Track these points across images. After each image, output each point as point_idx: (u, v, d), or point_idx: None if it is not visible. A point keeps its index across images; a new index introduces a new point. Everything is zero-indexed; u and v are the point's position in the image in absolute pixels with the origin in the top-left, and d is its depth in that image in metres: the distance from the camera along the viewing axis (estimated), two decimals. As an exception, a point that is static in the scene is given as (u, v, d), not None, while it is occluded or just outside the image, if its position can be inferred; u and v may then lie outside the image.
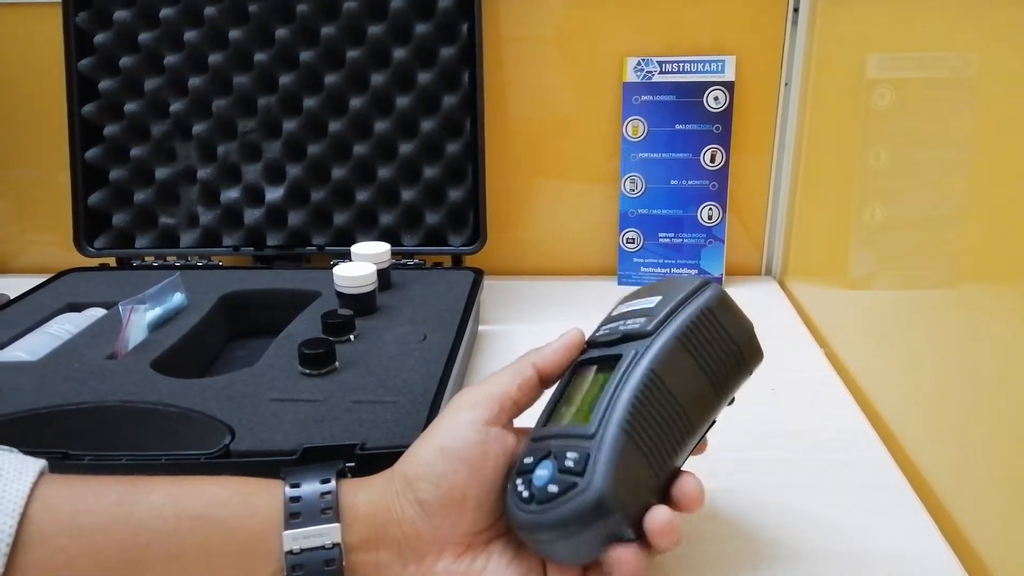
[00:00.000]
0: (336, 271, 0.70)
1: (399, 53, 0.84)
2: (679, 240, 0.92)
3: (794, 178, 0.91)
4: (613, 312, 0.46)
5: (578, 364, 0.44)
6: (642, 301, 0.44)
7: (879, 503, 0.54)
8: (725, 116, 0.89)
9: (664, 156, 0.91)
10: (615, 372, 0.40)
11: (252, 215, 0.88)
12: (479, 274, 0.81)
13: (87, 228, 0.88)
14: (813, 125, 0.86)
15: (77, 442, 0.49)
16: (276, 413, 0.53)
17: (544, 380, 0.44)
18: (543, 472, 0.39)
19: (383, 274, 0.75)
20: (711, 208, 0.91)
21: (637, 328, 0.41)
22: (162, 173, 0.89)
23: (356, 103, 0.86)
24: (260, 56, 0.85)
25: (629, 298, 0.46)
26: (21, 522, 0.36)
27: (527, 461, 0.40)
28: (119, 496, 0.38)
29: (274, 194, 0.88)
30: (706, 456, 0.43)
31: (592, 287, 0.95)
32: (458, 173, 0.87)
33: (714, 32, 0.89)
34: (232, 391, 0.56)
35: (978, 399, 0.51)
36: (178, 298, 0.71)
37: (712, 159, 0.90)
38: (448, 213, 0.87)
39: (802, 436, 0.62)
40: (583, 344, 0.45)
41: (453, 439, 0.41)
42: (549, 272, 0.99)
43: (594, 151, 0.94)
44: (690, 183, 0.91)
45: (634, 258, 0.94)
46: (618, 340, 0.42)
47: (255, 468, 0.43)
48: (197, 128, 0.87)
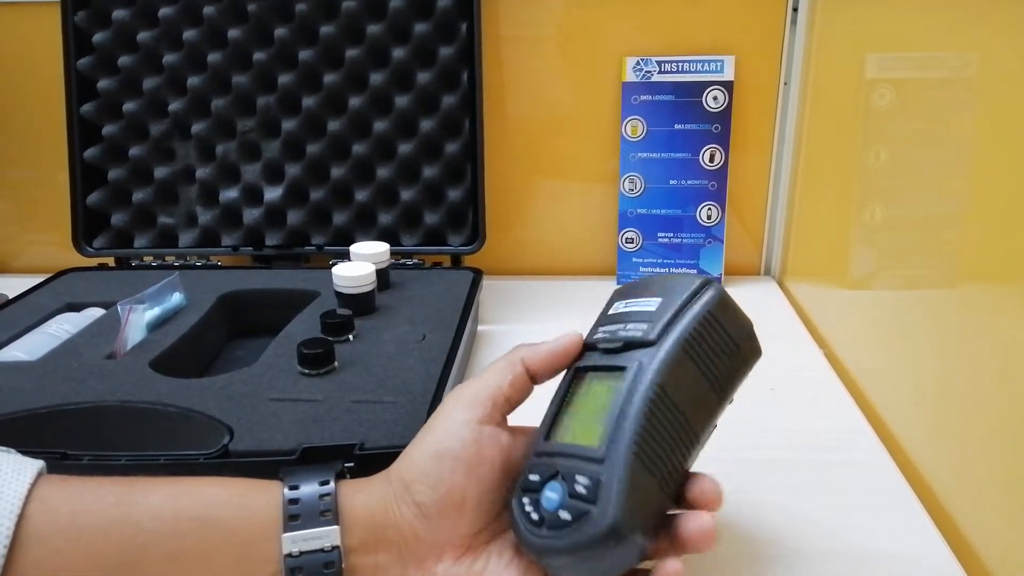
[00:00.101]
0: (335, 271, 0.70)
1: (398, 53, 0.84)
2: (678, 240, 0.92)
3: (793, 178, 0.91)
4: (610, 310, 0.45)
5: (578, 369, 0.43)
6: (641, 302, 0.43)
7: (879, 503, 0.54)
8: (724, 116, 0.89)
9: (663, 156, 0.91)
10: (620, 387, 0.39)
11: (251, 215, 0.88)
12: (478, 274, 0.80)
13: (86, 228, 0.88)
14: (812, 125, 0.86)
15: (76, 442, 0.49)
16: (275, 413, 0.53)
17: (534, 379, 0.44)
18: (552, 495, 0.38)
19: (382, 274, 0.74)
20: (710, 208, 0.91)
21: (640, 336, 0.40)
22: (161, 173, 0.88)
23: (355, 103, 0.85)
24: (259, 55, 0.85)
25: (625, 294, 0.45)
26: (19, 523, 0.36)
27: (533, 478, 0.40)
28: (117, 497, 0.38)
29: (273, 194, 0.88)
30: (705, 456, 0.43)
31: (591, 287, 0.94)
32: (457, 173, 0.87)
33: (713, 32, 0.89)
34: (231, 391, 0.56)
35: (978, 399, 0.51)
36: (177, 298, 0.71)
37: (711, 159, 0.90)
38: (447, 213, 0.87)
39: (802, 436, 0.62)
40: (579, 350, 0.44)
41: (448, 440, 0.41)
42: (548, 272, 0.99)
43: (593, 151, 0.94)
44: (689, 183, 0.91)
45: (633, 258, 0.94)
46: (620, 348, 0.41)
47: (254, 468, 0.43)
48: (196, 127, 0.87)
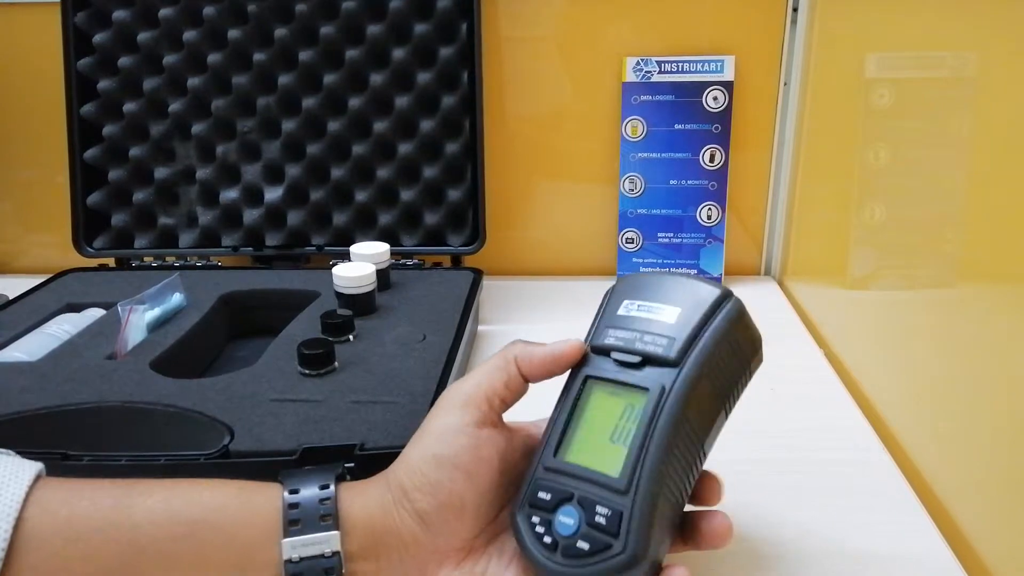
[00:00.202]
0: (335, 271, 0.70)
1: (398, 53, 0.84)
2: (678, 240, 0.92)
3: (793, 178, 0.91)
4: (619, 310, 0.42)
5: (589, 377, 0.41)
6: (656, 308, 0.41)
7: (879, 503, 0.54)
8: (724, 116, 0.89)
9: (663, 156, 0.91)
10: (640, 409, 0.38)
11: (251, 215, 0.88)
12: (478, 274, 0.80)
13: (86, 228, 0.88)
14: (812, 125, 0.86)
15: (76, 442, 0.49)
16: (275, 413, 0.53)
17: (527, 379, 0.43)
18: (568, 520, 0.38)
19: (382, 274, 0.74)
20: (710, 208, 0.91)
21: (660, 353, 0.39)
22: (161, 173, 0.88)
23: (355, 103, 0.85)
24: (259, 56, 0.85)
25: (633, 293, 0.43)
26: (16, 526, 0.36)
27: (544, 497, 0.39)
28: (115, 499, 0.38)
29: (273, 194, 0.88)
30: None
31: (591, 287, 0.94)
32: (457, 173, 0.87)
33: (713, 32, 0.89)
34: (231, 391, 0.56)
35: (978, 399, 0.51)
36: (177, 298, 0.71)
37: (711, 159, 0.90)
38: (447, 213, 0.87)
39: (802, 436, 0.62)
40: (579, 358, 0.42)
41: (446, 446, 0.40)
42: (548, 272, 0.99)
43: (593, 151, 0.94)
44: (689, 183, 0.91)
45: (633, 258, 0.94)
46: (638, 363, 0.39)
47: (255, 468, 0.43)
48: (196, 128, 0.87)
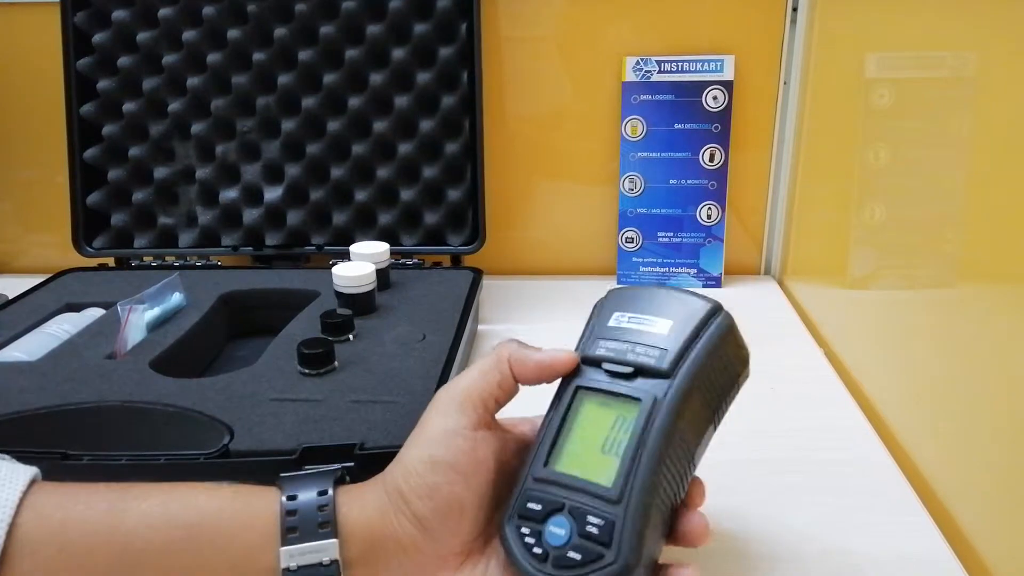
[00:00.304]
0: (335, 271, 0.70)
1: (398, 53, 0.84)
2: (678, 239, 0.92)
3: (793, 177, 0.91)
4: (610, 321, 0.43)
5: (580, 387, 0.41)
6: (647, 321, 0.41)
7: (879, 503, 0.54)
8: (724, 115, 0.89)
9: (663, 155, 0.91)
10: (632, 420, 0.38)
11: (251, 215, 0.88)
12: (478, 274, 0.80)
13: (86, 228, 0.88)
14: (812, 124, 0.86)
15: (76, 442, 0.49)
16: (275, 413, 0.53)
17: (518, 383, 0.43)
18: (559, 531, 0.38)
19: (382, 274, 0.74)
20: (710, 207, 0.91)
21: (652, 364, 0.39)
22: (161, 173, 0.88)
23: (355, 103, 0.85)
24: (259, 56, 0.85)
25: (624, 305, 0.43)
26: (10, 532, 0.35)
27: (533, 507, 0.39)
28: (110, 504, 0.37)
29: (273, 194, 0.88)
30: (706, 456, 0.43)
31: (591, 287, 0.94)
32: (457, 173, 0.87)
33: (713, 31, 0.89)
34: (231, 391, 0.56)
35: (978, 399, 0.51)
36: (177, 298, 0.71)
37: (711, 158, 0.90)
38: (447, 213, 0.87)
39: (801, 436, 0.62)
40: (572, 368, 0.42)
41: (443, 449, 0.40)
42: (548, 272, 0.99)
43: (593, 151, 0.94)
44: (689, 182, 0.91)
45: (633, 257, 0.94)
46: (630, 374, 0.40)
47: (254, 468, 0.43)
48: (196, 128, 0.87)
